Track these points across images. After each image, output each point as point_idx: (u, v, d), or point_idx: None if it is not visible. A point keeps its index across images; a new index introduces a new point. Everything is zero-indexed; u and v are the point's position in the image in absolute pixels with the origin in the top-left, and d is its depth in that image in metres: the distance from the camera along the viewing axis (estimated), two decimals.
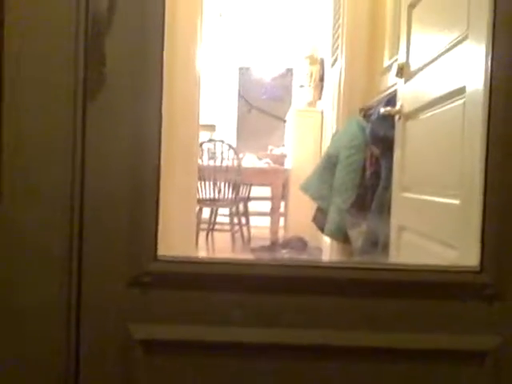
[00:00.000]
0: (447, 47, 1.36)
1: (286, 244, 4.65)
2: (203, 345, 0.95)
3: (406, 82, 1.77)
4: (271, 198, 4.87)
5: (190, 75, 2.95)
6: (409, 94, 1.76)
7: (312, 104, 5.06)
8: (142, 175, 0.92)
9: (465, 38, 1.23)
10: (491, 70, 0.97)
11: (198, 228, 4.67)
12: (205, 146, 4.86)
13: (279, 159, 5.32)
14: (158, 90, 0.93)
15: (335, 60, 3.42)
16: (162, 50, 0.93)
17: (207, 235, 5.03)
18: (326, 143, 3.85)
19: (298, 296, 0.96)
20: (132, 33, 0.91)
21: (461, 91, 1.24)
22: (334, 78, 3.77)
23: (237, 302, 0.95)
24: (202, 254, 4.63)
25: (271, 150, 5.48)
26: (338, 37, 3.23)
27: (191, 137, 3.02)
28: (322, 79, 4.90)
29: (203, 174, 4.62)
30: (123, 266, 0.93)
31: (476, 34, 1.16)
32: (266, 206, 5.08)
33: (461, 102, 1.25)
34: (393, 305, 0.96)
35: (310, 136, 4.77)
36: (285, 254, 4.38)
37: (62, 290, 0.93)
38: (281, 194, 4.91)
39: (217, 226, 5.07)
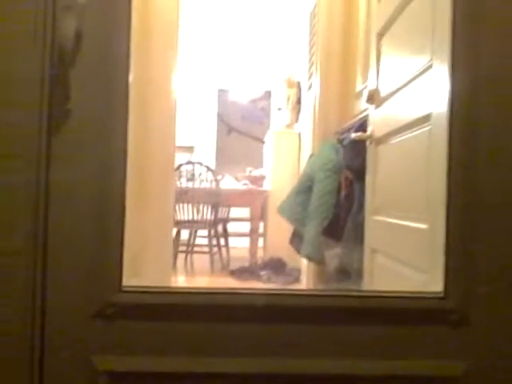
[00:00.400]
0: (414, 75, 1.40)
1: (265, 265, 4.64)
2: (169, 376, 0.94)
3: (376, 107, 1.81)
4: (250, 219, 4.87)
5: (165, 97, 2.96)
6: (379, 120, 1.79)
7: (290, 126, 5.11)
8: (107, 206, 0.92)
9: (430, 67, 1.26)
10: (452, 97, 0.99)
11: (176, 250, 4.64)
12: (183, 168, 4.86)
13: (258, 180, 5.34)
14: (124, 121, 0.93)
15: (311, 84, 3.47)
16: (128, 80, 0.94)
17: (186, 257, 4.99)
18: (304, 165, 3.88)
19: (267, 324, 0.96)
20: (97, 64, 0.92)
21: (427, 118, 1.27)
22: (310, 102, 3.82)
23: (203, 332, 0.95)
24: (181, 276, 4.59)
25: (250, 172, 5.50)
26: (313, 62, 3.28)
27: (168, 158, 3.02)
28: (299, 102, 4.96)
29: (182, 196, 4.61)
30: (87, 297, 0.93)
31: (439, 62, 1.19)
32: (246, 227, 5.08)
33: (427, 128, 1.28)
34: (361, 332, 0.97)
35: (288, 157, 4.81)
36: (264, 276, 4.37)
37: (25, 323, 0.91)
38: (259, 215, 4.92)
39: (196, 248, 5.04)
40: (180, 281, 4.34)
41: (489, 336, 0.97)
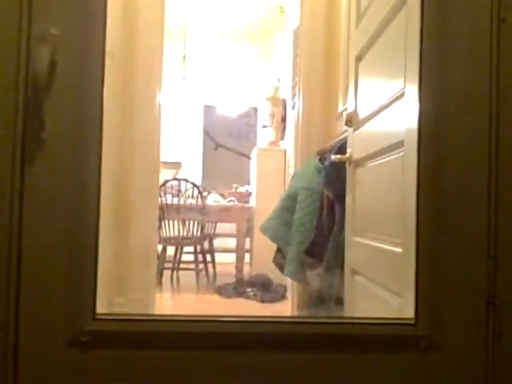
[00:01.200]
0: (388, 101, 1.42)
1: (251, 282, 4.64)
2: None
3: (354, 130, 1.83)
4: (236, 236, 4.87)
5: (150, 114, 2.97)
6: (357, 142, 1.82)
7: (275, 143, 5.14)
8: (80, 235, 0.92)
9: (402, 95, 1.29)
10: (419, 124, 1.02)
11: (162, 267, 4.63)
12: (169, 184, 4.86)
13: (244, 197, 5.36)
14: (97, 149, 0.94)
15: (295, 103, 3.51)
16: (102, 103, 0.95)
17: (172, 274, 4.97)
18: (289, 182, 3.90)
19: (245, 352, 0.96)
20: (72, 93, 0.93)
21: (400, 144, 1.29)
22: (294, 120, 3.86)
23: (179, 360, 0.95)
24: (167, 293, 4.56)
25: (236, 188, 5.51)
26: (297, 81, 3.32)
27: (152, 175, 3.02)
28: (284, 120, 5.00)
29: (168, 213, 4.61)
30: (61, 325, 0.93)
31: (411, 91, 1.22)
32: (232, 243, 5.07)
33: (400, 154, 1.30)
34: (333, 358, 0.98)
35: (273, 174, 4.84)
36: (250, 293, 4.37)
37: None
38: (245, 231, 4.92)
39: (182, 265, 5.02)
40: (164, 298, 4.32)
41: (458, 361, 0.98)
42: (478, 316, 0.98)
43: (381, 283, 1.50)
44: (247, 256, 5.12)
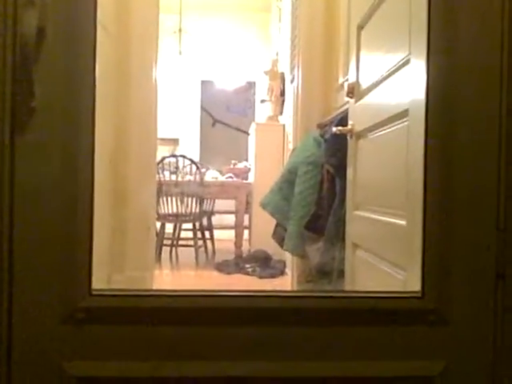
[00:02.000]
0: (392, 70, 1.38)
1: (250, 258, 4.64)
2: (141, 381, 0.92)
3: (356, 101, 1.79)
4: (235, 212, 4.85)
5: (146, 89, 2.92)
6: (359, 114, 1.77)
7: (273, 118, 5.08)
8: (74, 207, 0.88)
9: (407, 62, 1.24)
10: (427, 91, 0.98)
11: (161, 243, 4.62)
12: (167, 161, 4.81)
13: (243, 173, 5.32)
14: (91, 117, 0.90)
15: (294, 76, 3.44)
16: (94, 75, 0.91)
17: (171, 251, 4.97)
18: (287, 157, 3.86)
19: (242, 327, 0.94)
20: (62, 60, 0.89)
21: (404, 113, 1.25)
22: (292, 94, 3.79)
23: (176, 335, 0.93)
24: (166, 270, 4.57)
25: (234, 164, 5.47)
26: (295, 54, 3.25)
27: (149, 151, 2.98)
28: (282, 94, 4.92)
29: (166, 189, 4.58)
30: (56, 302, 0.90)
31: (417, 57, 1.17)
32: (231, 220, 5.06)
33: (405, 124, 1.26)
34: (339, 333, 0.95)
35: (272, 150, 4.79)
36: (249, 269, 4.37)
37: None
38: (244, 207, 4.90)
39: (181, 242, 5.01)
40: (164, 274, 4.32)
41: (466, 335, 0.96)
42: (486, 289, 0.95)
43: (384, 257, 1.47)
44: (246, 232, 5.11)
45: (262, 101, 5.37)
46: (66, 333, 0.90)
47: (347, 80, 1.97)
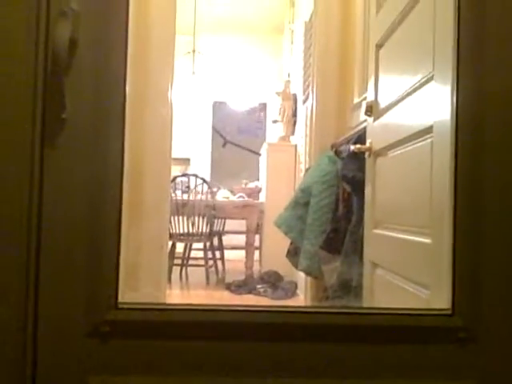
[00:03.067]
0: (414, 87, 1.38)
1: (262, 279, 4.60)
2: None
3: (374, 120, 1.78)
4: (246, 232, 4.83)
5: (162, 110, 2.94)
6: (378, 132, 1.77)
7: (285, 139, 5.09)
8: (102, 220, 0.88)
9: (431, 79, 1.24)
10: (457, 110, 0.97)
11: (171, 263, 4.59)
12: (178, 180, 4.82)
13: (254, 193, 5.31)
14: (120, 131, 0.90)
15: (307, 97, 3.46)
16: (125, 89, 0.91)
17: (181, 270, 4.94)
18: (300, 177, 3.85)
19: (266, 343, 0.92)
20: (93, 72, 0.89)
21: (428, 130, 1.25)
22: (305, 114, 3.80)
23: (202, 350, 0.91)
24: (176, 290, 4.53)
25: (246, 184, 5.46)
26: (308, 75, 3.27)
27: (163, 171, 3.00)
28: (294, 114, 4.95)
29: (177, 209, 4.57)
30: (82, 315, 0.89)
31: (441, 74, 1.17)
32: (242, 240, 5.03)
33: (429, 140, 1.25)
34: (365, 351, 0.93)
35: (283, 170, 4.79)
36: (260, 289, 4.33)
37: (17, 342, 0.87)
38: (255, 227, 4.87)
39: (191, 261, 4.99)
40: (174, 294, 4.29)
41: (497, 354, 0.94)
42: None
43: (405, 276, 1.45)
44: (257, 253, 5.08)
45: (274, 121, 5.40)
46: (91, 346, 0.89)
47: (364, 99, 1.97)
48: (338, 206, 2.39)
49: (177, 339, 0.91)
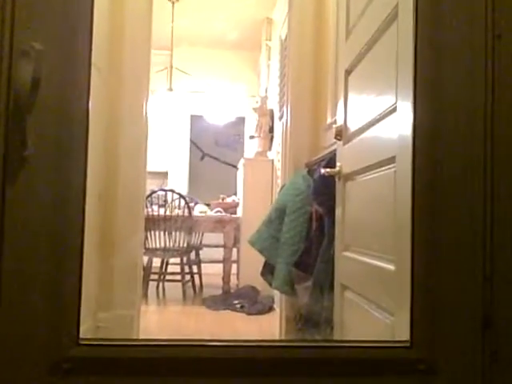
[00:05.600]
0: (380, 116, 1.41)
1: (238, 293, 4.60)
2: None
3: (344, 143, 1.81)
4: (223, 246, 4.83)
5: (137, 126, 2.94)
6: (347, 156, 1.80)
7: (262, 154, 5.12)
8: (64, 257, 0.88)
9: (394, 110, 1.27)
10: (413, 142, 1.00)
11: (147, 278, 4.56)
12: (155, 195, 4.81)
13: (231, 207, 5.32)
14: (82, 167, 0.91)
15: (282, 114, 3.49)
16: (87, 126, 0.92)
17: (158, 286, 4.91)
18: (277, 192, 3.87)
19: (234, 379, 0.93)
20: (56, 110, 0.90)
21: (392, 160, 1.27)
22: (281, 131, 3.83)
23: None
24: (152, 306, 4.50)
25: (223, 199, 5.47)
26: (284, 92, 3.30)
27: (138, 186, 2.98)
28: (271, 130, 4.98)
29: (154, 224, 4.55)
30: (42, 351, 0.88)
31: (403, 107, 1.20)
32: (219, 253, 5.03)
33: (392, 170, 1.28)
34: (326, 383, 0.95)
35: (260, 185, 4.81)
36: (237, 305, 4.33)
37: None
38: (233, 242, 4.88)
39: (168, 276, 4.96)
40: (150, 311, 4.26)
41: None
42: (474, 338, 0.95)
43: (372, 300, 1.47)
44: (234, 267, 5.08)
45: (251, 137, 5.43)
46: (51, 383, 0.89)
47: (335, 122, 2.01)
48: (311, 226, 2.41)
49: (141, 375, 0.91)
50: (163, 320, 3.98)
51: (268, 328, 3.63)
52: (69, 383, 0.89)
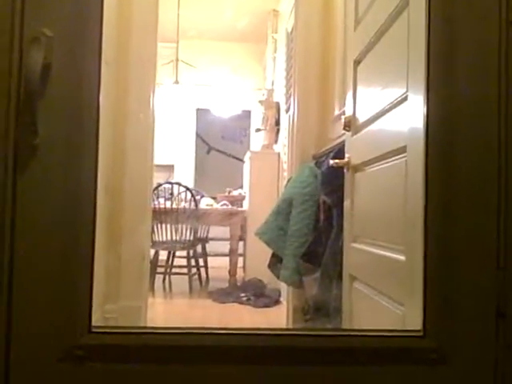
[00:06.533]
0: (390, 106, 1.40)
1: (245, 287, 4.60)
2: None
3: (353, 135, 1.80)
4: (230, 239, 4.83)
5: (144, 118, 2.94)
6: (356, 147, 1.79)
7: (268, 147, 5.11)
8: (75, 244, 0.88)
9: (405, 99, 1.26)
10: (427, 132, 0.99)
11: (154, 271, 4.57)
12: (162, 188, 4.81)
13: (238, 200, 5.32)
14: (93, 155, 0.91)
15: (289, 106, 3.47)
16: (98, 113, 0.92)
17: (164, 278, 4.92)
18: (283, 185, 3.87)
19: (243, 365, 0.93)
20: (66, 97, 0.90)
21: (403, 150, 1.26)
22: (288, 123, 3.82)
23: (178, 374, 0.91)
24: (159, 298, 4.51)
25: (229, 192, 5.47)
26: (291, 85, 3.28)
27: (145, 179, 2.98)
28: (277, 123, 4.97)
29: (160, 217, 4.56)
30: (54, 339, 0.89)
31: (414, 95, 1.19)
32: (226, 246, 5.04)
33: (403, 160, 1.27)
34: (337, 372, 0.95)
35: (266, 178, 4.80)
36: (243, 298, 4.33)
37: None
38: (239, 235, 4.88)
39: (174, 269, 4.97)
40: (157, 303, 4.27)
41: (467, 374, 0.96)
42: (487, 328, 0.95)
43: (382, 291, 1.47)
44: (240, 260, 5.09)
45: (257, 130, 5.41)
46: (64, 371, 0.89)
47: (343, 112, 1.99)
48: (319, 218, 2.40)
49: (151, 363, 0.91)
50: (170, 312, 3.99)
51: (275, 321, 3.63)
52: (81, 370, 0.90)
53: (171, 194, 4.91)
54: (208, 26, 6.04)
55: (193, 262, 4.79)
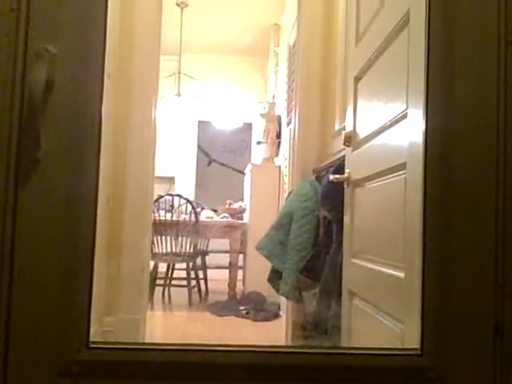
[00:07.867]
0: (390, 123, 1.40)
1: (244, 300, 4.59)
2: None
3: (353, 150, 1.81)
4: (230, 252, 4.83)
5: (145, 131, 2.95)
6: (356, 162, 1.80)
7: (269, 160, 5.12)
8: (75, 258, 0.88)
9: (404, 116, 1.27)
10: (425, 148, 1.00)
11: (153, 283, 4.56)
12: (162, 200, 4.82)
13: (237, 213, 5.32)
14: (95, 171, 0.91)
15: (290, 120, 3.49)
16: (100, 128, 0.92)
17: (163, 291, 4.91)
18: (284, 198, 3.87)
19: (246, 382, 0.92)
20: (69, 112, 0.90)
21: (402, 166, 1.27)
22: (289, 137, 3.83)
23: None
24: (158, 311, 4.50)
25: (230, 204, 5.47)
26: (292, 98, 3.30)
27: (146, 192, 2.99)
28: (278, 136, 4.99)
29: (160, 229, 4.56)
30: (52, 354, 0.88)
31: (414, 113, 1.20)
32: (225, 259, 5.02)
33: (402, 176, 1.28)
34: None
35: (267, 191, 4.81)
36: (242, 311, 4.31)
37: None
38: (239, 247, 4.88)
39: (174, 281, 4.96)
40: (156, 315, 4.26)
41: None
42: (485, 345, 0.94)
43: (381, 308, 1.46)
44: (240, 273, 5.07)
45: (258, 142, 5.43)
46: None
47: (344, 128, 2.00)
48: (319, 233, 2.40)
49: (149, 379, 0.91)
50: (169, 325, 3.97)
51: (274, 335, 3.61)
52: None
53: (172, 206, 4.92)
54: (210, 40, 6.09)
55: (192, 275, 4.78)
